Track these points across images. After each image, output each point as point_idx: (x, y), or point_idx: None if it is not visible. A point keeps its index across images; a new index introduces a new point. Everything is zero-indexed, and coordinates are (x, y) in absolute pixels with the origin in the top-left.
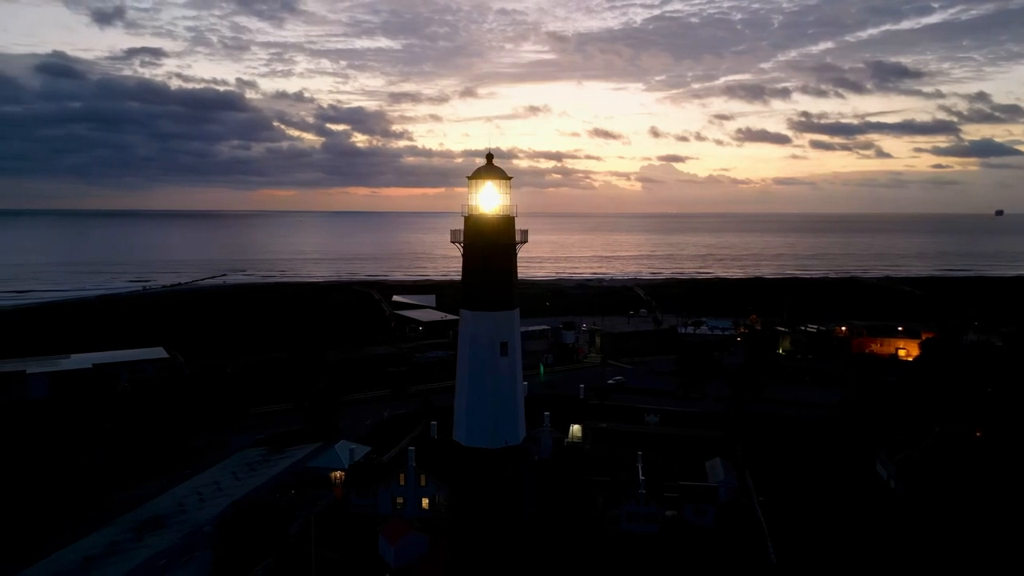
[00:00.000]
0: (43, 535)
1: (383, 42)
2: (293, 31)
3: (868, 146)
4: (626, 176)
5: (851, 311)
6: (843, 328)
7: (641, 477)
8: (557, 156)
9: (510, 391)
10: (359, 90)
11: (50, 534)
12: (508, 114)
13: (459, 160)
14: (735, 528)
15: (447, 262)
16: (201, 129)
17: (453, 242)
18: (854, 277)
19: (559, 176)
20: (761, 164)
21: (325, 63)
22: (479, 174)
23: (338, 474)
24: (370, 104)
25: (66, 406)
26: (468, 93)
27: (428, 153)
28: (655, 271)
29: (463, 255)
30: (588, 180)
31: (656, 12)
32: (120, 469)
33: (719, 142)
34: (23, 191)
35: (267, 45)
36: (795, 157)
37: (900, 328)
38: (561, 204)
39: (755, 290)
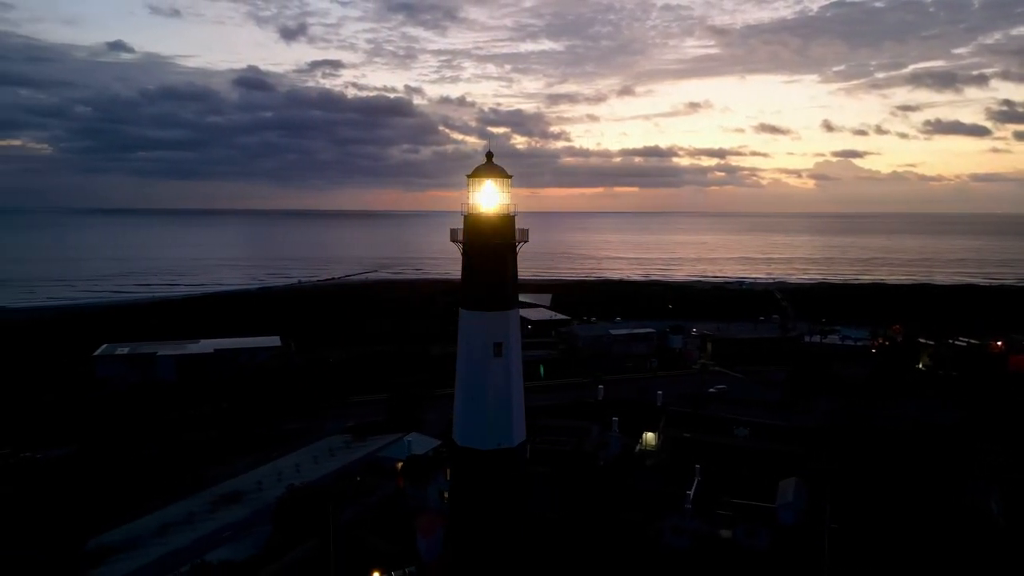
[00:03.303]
0: (140, 503)
1: (546, 44)
2: (461, 38)
3: None
4: (797, 173)
5: None
6: (999, 342)
7: (688, 491)
8: (720, 153)
9: (504, 393)
10: (519, 93)
11: (147, 503)
12: (667, 112)
13: (617, 160)
14: (792, 555)
15: (583, 261)
16: (374, 134)
17: (452, 241)
18: None
19: (723, 174)
20: (955, 159)
21: (491, 68)
22: (478, 172)
23: (401, 465)
24: (529, 106)
25: (188, 386)
26: (626, 92)
27: (585, 153)
28: (807, 274)
29: (462, 254)
30: (755, 178)
31: None
32: (223, 446)
33: (903, 135)
34: (226, 193)
35: (437, 53)
36: (997, 151)
37: None
38: (725, 203)
39: (918, 298)
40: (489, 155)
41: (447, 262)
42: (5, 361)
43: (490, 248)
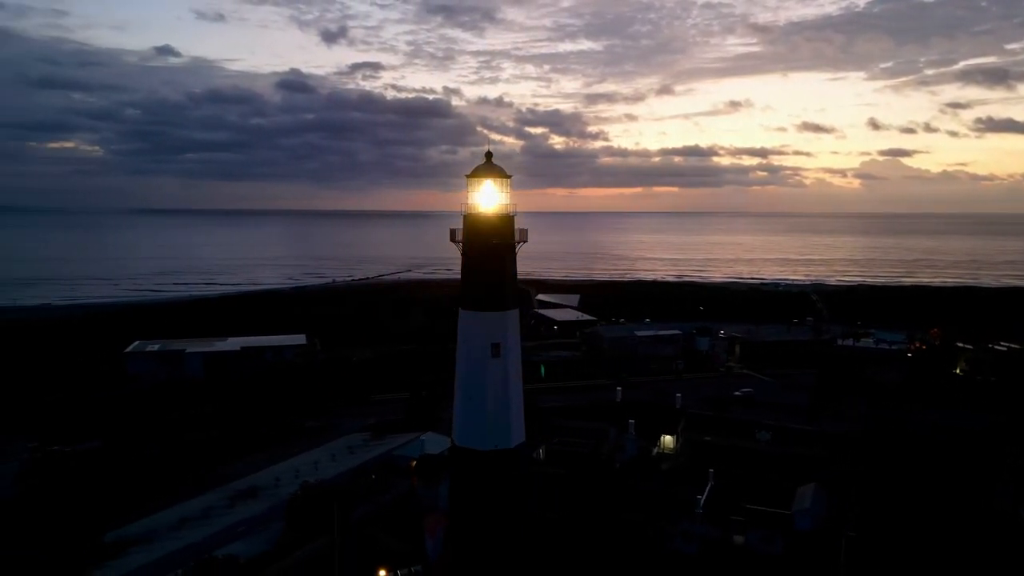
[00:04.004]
0: (162, 497)
1: (585, 44)
2: (500, 39)
3: None
4: (842, 173)
5: None
6: None
7: (699, 496)
8: (762, 152)
9: (503, 394)
10: (557, 93)
11: (169, 497)
12: (707, 110)
13: (656, 159)
14: (807, 562)
15: (616, 261)
16: (413, 135)
17: (452, 241)
18: None
19: (765, 174)
20: (1008, 158)
21: (530, 68)
22: (478, 172)
23: (415, 463)
24: (566, 106)
25: (214, 383)
26: (665, 91)
27: (624, 153)
28: (847, 276)
29: (461, 254)
30: (797, 177)
31: None
32: (243, 442)
33: (953, 134)
34: (269, 194)
35: (476, 54)
36: None
37: None
38: (767, 203)
39: (962, 301)
40: (488, 155)
41: None
42: (45, 357)
43: (489, 248)
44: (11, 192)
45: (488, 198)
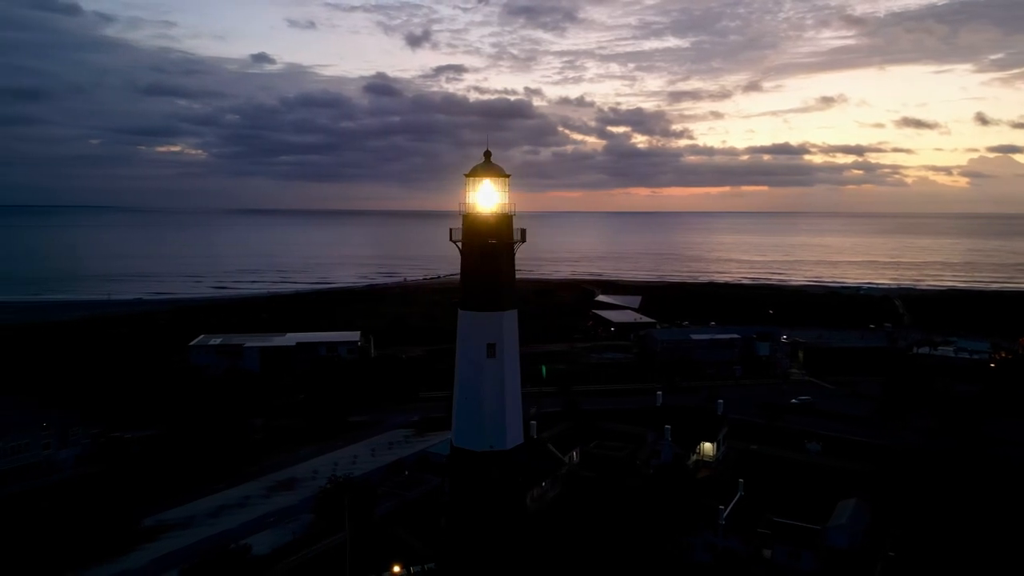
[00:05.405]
0: (208, 484)
1: (671, 41)
2: (583, 38)
3: None
4: (947, 171)
5: None
6: None
7: (721, 507)
8: (857, 150)
9: (499, 395)
10: (640, 91)
11: (215, 484)
12: (798, 107)
13: (744, 158)
14: None
15: (690, 263)
16: (496, 136)
17: (451, 241)
18: None
19: (860, 172)
20: None
21: (613, 67)
22: (476, 171)
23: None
24: (649, 104)
25: (269, 376)
26: (752, 87)
27: (710, 151)
28: (940, 280)
29: (461, 254)
30: (897, 176)
31: None
32: (292, 434)
33: None
34: (357, 194)
35: (559, 54)
36: None
37: None
38: (863, 203)
39: None
40: (487, 154)
41: (546, 262)
42: (126, 348)
43: (487, 248)
44: (123, 193)
45: (486, 198)
